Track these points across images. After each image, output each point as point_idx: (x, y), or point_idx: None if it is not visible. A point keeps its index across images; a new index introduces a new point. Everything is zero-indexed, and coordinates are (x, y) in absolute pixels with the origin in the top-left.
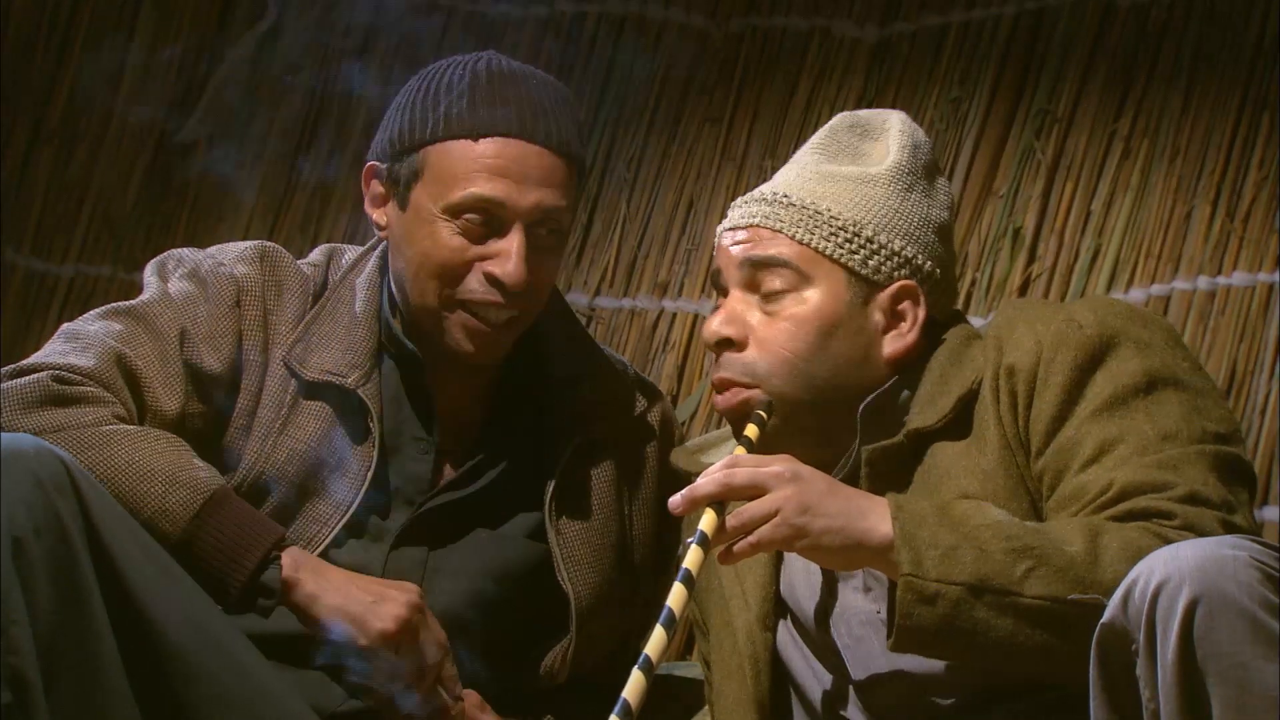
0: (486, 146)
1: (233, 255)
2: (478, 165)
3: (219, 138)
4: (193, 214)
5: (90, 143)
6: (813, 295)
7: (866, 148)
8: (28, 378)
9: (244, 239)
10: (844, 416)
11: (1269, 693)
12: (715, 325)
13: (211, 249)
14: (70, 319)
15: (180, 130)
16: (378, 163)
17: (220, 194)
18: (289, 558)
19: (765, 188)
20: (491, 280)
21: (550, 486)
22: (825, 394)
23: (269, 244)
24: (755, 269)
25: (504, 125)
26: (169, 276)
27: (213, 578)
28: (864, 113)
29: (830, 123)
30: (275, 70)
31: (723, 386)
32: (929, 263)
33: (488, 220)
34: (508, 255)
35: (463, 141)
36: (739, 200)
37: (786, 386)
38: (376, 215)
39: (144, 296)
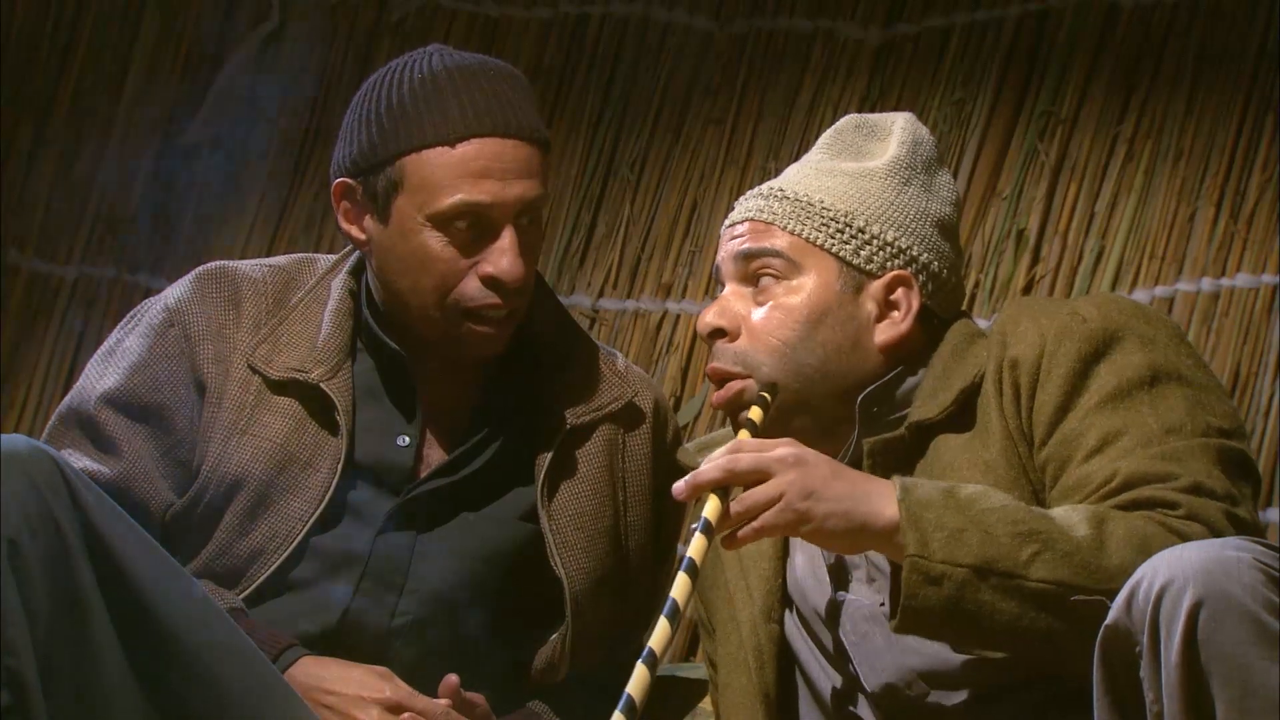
0: (465, 150)
1: (172, 287)
2: (459, 170)
3: (223, 139)
4: (196, 216)
5: (94, 144)
6: (803, 284)
7: (870, 146)
8: None
9: (248, 240)
10: (840, 408)
11: (1272, 694)
12: (708, 317)
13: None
14: (73, 321)
15: (184, 132)
16: (348, 179)
17: (224, 196)
18: (301, 678)
19: (765, 185)
20: (489, 282)
21: (541, 472)
22: (815, 382)
23: (211, 264)
24: (748, 261)
25: (477, 125)
26: (109, 355)
27: None
28: (873, 115)
29: (838, 123)
30: (278, 71)
31: (716, 377)
32: (925, 254)
33: (475, 223)
34: (502, 253)
35: (440, 149)
36: (740, 198)
37: (776, 374)
38: (353, 230)
39: (83, 390)
